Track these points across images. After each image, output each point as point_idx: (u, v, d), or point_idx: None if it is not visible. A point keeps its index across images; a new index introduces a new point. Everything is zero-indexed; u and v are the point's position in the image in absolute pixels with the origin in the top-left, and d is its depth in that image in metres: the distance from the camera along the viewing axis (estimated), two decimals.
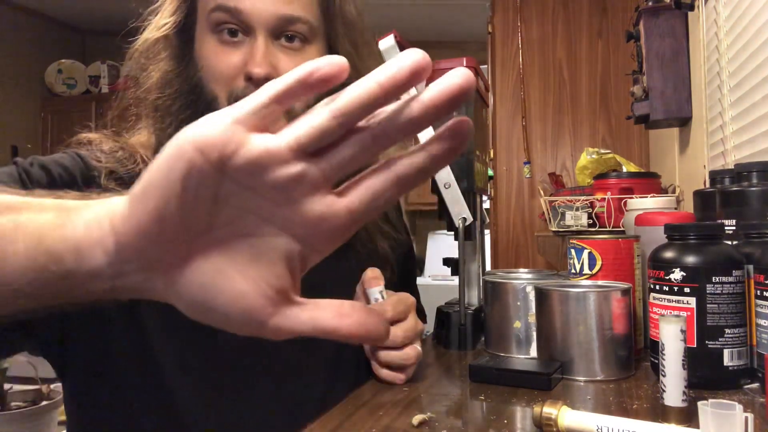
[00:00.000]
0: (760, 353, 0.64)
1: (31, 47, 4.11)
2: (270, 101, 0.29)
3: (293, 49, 0.73)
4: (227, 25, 0.71)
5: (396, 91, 0.28)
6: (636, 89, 1.66)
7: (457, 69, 0.28)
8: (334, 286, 0.80)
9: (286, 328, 0.31)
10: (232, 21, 0.71)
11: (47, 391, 2.13)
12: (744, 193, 0.79)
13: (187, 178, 0.28)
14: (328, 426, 0.58)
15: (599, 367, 0.71)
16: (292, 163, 0.29)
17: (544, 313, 0.76)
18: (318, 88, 0.29)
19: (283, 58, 0.72)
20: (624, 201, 1.54)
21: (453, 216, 0.92)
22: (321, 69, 0.28)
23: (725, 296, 0.65)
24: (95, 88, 4.20)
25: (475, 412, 0.64)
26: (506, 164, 2.66)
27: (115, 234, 0.31)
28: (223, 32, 0.71)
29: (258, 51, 0.70)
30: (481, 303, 0.99)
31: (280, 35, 0.72)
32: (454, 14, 3.82)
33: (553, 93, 2.62)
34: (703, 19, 1.48)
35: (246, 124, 0.29)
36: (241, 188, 0.29)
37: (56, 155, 0.72)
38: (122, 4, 0.82)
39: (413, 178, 0.30)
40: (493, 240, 2.66)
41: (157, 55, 0.77)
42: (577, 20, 2.61)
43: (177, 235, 0.30)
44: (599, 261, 0.81)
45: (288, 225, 0.31)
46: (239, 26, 0.71)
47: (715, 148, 1.40)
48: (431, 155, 0.29)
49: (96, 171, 0.71)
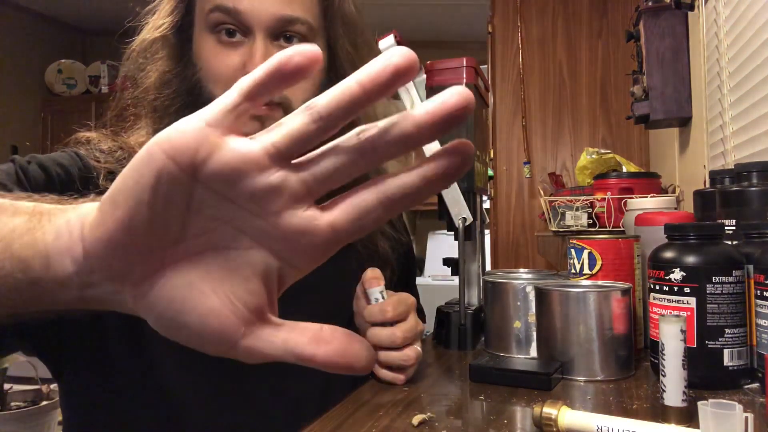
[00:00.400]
0: (760, 353, 0.64)
1: (31, 47, 4.11)
2: (241, 98, 0.27)
3: None
4: (225, 26, 0.71)
5: (379, 93, 0.26)
6: (636, 89, 1.66)
7: (456, 87, 0.26)
8: (334, 287, 0.80)
9: (258, 351, 0.29)
10: (230, 21, 0.70)
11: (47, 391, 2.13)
12: (744, 193, 0.79)
13: (157, 185, 0.26)
14: (328, 426, 0.58)
15: (599, 367, 0.71)
16: (270, 170, 0.27)
17: (544, 313, 0.76)
18: (290, 81, 0.26)
19: None
20: (624, 201, 1.53)
21: (453, 216, 0.92)
22: (291, 60, 0.26)
23: (725, 296, 0.65)
24: (95, 88, 4.20)
25: (475, 412, 0.64)
26: (506, 164, 2.66)
27: (84, 242, 0.29)
28: (221, 33, 0.71)
29: (257, 52, 0.70)
30: (481, 303, 0.99)
31: (278, 36, 0.72)
32: (454, 14, 3.82)
33: (553, 93, 2.62)
34: (703, 19, 1.48)
35: (219, 126, 0.27)
36: (215, 197, 0.27)
37: (55, 154, 0.71)
38: (122, 4, 0.82)
39: (403, 200, 0.27)
40: (493, 240, 2.66)
41: (154, 55, 0.76)
42: (577, 20, 2.61)
43: (147, 245, 0.28)
44: (599, 261, 0.81)
45: (265, 238, 0.28)
46: (238, 27, 0.71)
47: (715, 148, 1.40)
48: (425, 178, 0.27)
49: (95, 171, 0.71)
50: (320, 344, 0.28)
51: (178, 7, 0.75)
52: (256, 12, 0.70)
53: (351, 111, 0.26)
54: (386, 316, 0.70)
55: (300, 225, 0.28)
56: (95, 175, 0.70)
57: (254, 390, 0.73)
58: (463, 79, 0.93)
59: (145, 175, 0.27)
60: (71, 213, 0.31)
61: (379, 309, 0.71)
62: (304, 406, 0.75)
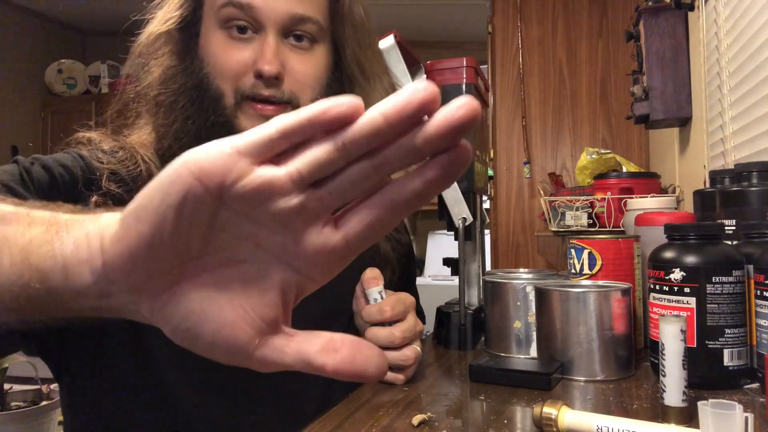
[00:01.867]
0: (760, 353, 0.64)
1: (31, 47, 4.11)
2: (279, 136, 0.27)
3: (302, 49, 0.73)
4: (237, 21, 0.71)
5: (402, 125, 0.26)
6: (636, 89, 1.66)
7: (463, 97, 0.26)
8: (334, 287, 0.80)
9: (272, 361, 0.30)
10: (242, 17, 0.70)
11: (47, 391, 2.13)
12: (744, 193, 0.79)
13: (182, 204, 0.27)
14: (328, 426, 0.58)
15: (599, 367, 0.71)
16: (293, 194, 0.28)
17: (544, 313, 0.76)
18: (330, 127, 0.27)
19: (292, 57, 0.72)
20: (624, 201, 1.54)
21: (453, 216, 0.92)
22: (335, 108, 0.27)
23: (725, 296, 0.65)
24: (95, 88, 4.20)
25: (475, 412, 0.64)
26: (506, 164, 2.66)
27: (104, 254, 0.30)
28: (232, 28, 0.71)
29: (269, 48, 0.70)
30: (481, 303, 0.99)
31: (288, 34, 0.72)
32: (454, 14, 3.82)
33: (553, 93, 2.62)
34: (703, 19, 1.48)
35: (250, 155, 0.27)
36: (238, 216, 0.28)
37: (58, 154, 0.71)
38: (122, 4, 0.82)
39: (409, 204, 0.28)
40: (493, 240, 2.66)
41: (158, 50, 0.76)
42: (577, 20, 2.61)
43: (167, 260, 0.29)
44: (599, 261, 0.81)
45: (285, 254, 0.29)
46: (250, 23, 0.71)
47: (715, 148, 1.40)
48: (427, 180, 0.28)
49: (97, 172, 0.70)
50: (329, 353, 0.29)
51: (186, 2, 0.74)
52: (270, 8, 0.70)
53: (374, 142, 0.27)
54: (384, 316, 0.70)
55: (318, 241, 0.29)
56: (98, 176, 0.70)
57: (254, 390, 0.73)
58: (463, 79, 0.93)
59: (172, 194, 0.27)
60: (90, 224, 0.32)
61: (377, 309, 0.71)
62: (304, 406, 0.75)
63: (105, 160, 0.72)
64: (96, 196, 0.67)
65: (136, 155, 0.74)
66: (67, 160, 0.70)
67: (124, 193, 0.69)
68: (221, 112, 0.71)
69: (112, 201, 0.68)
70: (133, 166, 0.72)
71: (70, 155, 0.71)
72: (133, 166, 0.72)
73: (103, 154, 0.72)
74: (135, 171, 0.72)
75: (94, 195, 0.67)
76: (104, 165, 0.71)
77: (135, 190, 0.66)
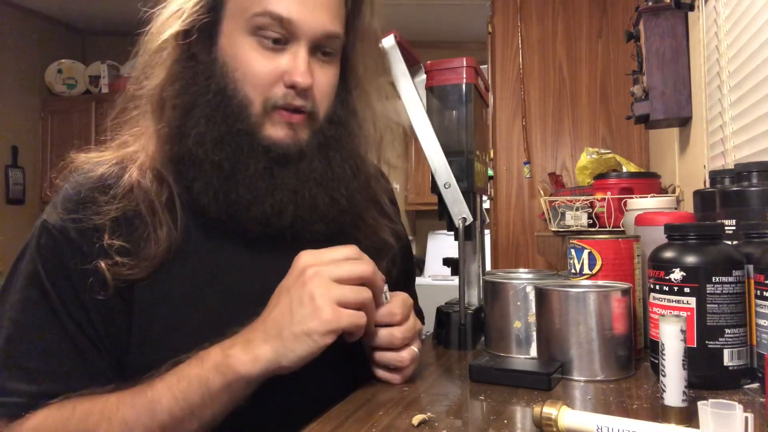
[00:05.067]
0: (760, 353, 0.64)
1: (31, 47, 4.11)
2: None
3: (325, 62, 0.75)
4: (271, 33, 0.71)
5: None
6: (636, 89, 1.66)
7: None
8: None
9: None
10: (277, 29, 0.70)
11: None
12: (744, 193, 0.79)
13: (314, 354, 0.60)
14: (328, 426, 0.59)
15: (599, 367, 0.71)
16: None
17: (544, 313, 0.76)
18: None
19: (318, 70, 0.74)
20: (624, 201, 1.54)
21: (453, 216, 0.92)
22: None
23: (725, 296, 0.65)
24: (95, 88, 4.19)
25: (475, 412, 0.64)
26: (506, 164, 2.66)
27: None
28: (265, 38, 0.71)
29: (302, 61, 0.71)
30: (481, 303, 0.99)
31: (318, 48, 0.74)
32: (454, 14, 3.82)
33: (553, 93, 2.62)
34: (703, 19, 1.48)
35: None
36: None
37: (34, 251, 0.70)
38: (122, 4, 0.82)
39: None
40: (493, 240, 2.66)
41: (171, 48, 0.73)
42: (577, 20, 2.61)
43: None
44: (599, 261, 0.81)
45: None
46: (284, 35, 0.71)
47: (715, 148, 1.40)
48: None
49: (94, 227, 0.69)
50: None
51: (202, 3, 0.72)
52: (308, 24, 0.71)
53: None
54: (395, 320, 0.71)
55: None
56: (97, 233, 0.68)
57: (254, 390, 0.73)
58: (463, 79, 0.93)
59: (306, 346, 0.63)
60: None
61: (387, 311, 0.71)
62: (304, 406, 0.74)
63: (104, 210, 0.70)
64: (102, 262, 0.67)
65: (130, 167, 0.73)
66: (51, 257, 0.69)
67: (126, 243, 0.69)
68: (246, 120, 0.71)
69: (117, 254, 0.68)
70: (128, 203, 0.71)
71: (50, 245, 0.69)
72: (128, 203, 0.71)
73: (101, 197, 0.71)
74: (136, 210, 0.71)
75: (101, 261, 0.67)
76: (103, 219, 0.69)
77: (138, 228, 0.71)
